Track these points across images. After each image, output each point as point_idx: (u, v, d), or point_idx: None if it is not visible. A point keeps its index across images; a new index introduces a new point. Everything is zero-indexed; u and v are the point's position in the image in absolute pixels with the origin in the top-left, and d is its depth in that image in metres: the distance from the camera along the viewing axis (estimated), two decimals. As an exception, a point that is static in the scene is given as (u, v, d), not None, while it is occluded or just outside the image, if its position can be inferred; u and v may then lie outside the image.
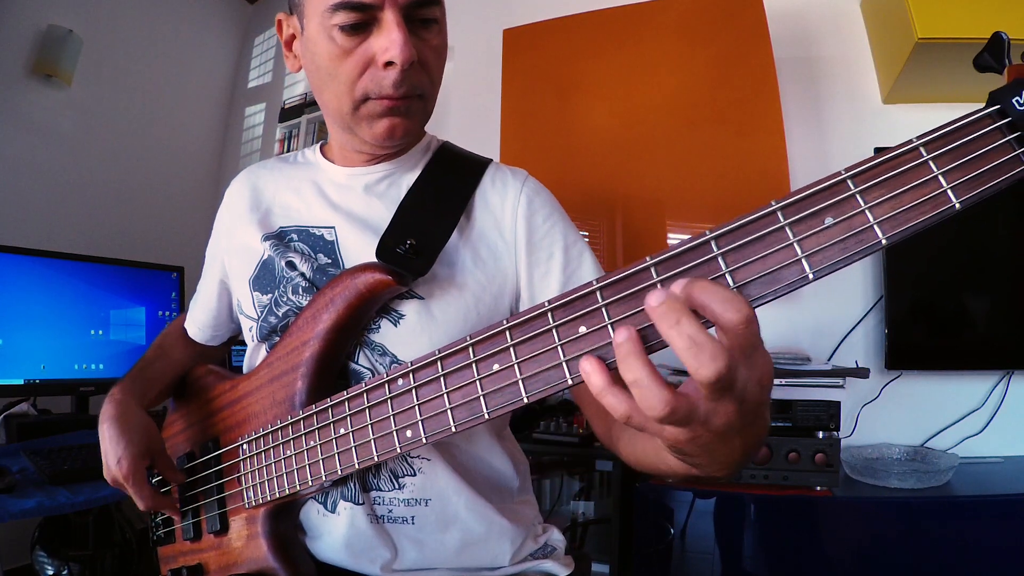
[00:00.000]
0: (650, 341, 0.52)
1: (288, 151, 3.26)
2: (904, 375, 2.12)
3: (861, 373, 1.84)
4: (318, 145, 1.12)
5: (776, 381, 1.79)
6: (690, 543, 1.88)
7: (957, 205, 0.46)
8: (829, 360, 2.18)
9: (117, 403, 1.01)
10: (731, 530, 1.85)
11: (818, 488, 1.77)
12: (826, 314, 2.20)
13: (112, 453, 0.95)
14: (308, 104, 3.24)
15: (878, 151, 1.70)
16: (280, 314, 0.97)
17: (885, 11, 2.13)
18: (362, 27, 0.85)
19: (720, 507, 1.86)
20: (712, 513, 1.87)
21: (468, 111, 2.80)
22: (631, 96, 2.30)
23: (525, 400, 0.61)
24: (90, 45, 2.67)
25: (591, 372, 0.53)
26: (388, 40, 0.84)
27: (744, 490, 1.81)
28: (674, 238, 2.22)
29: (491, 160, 1.08)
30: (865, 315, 2.20)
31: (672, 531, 1.89)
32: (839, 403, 1.80)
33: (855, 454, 1.94)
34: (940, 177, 0.46)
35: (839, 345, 2.21)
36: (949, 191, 0.46)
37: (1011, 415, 2.06)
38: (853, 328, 2.21)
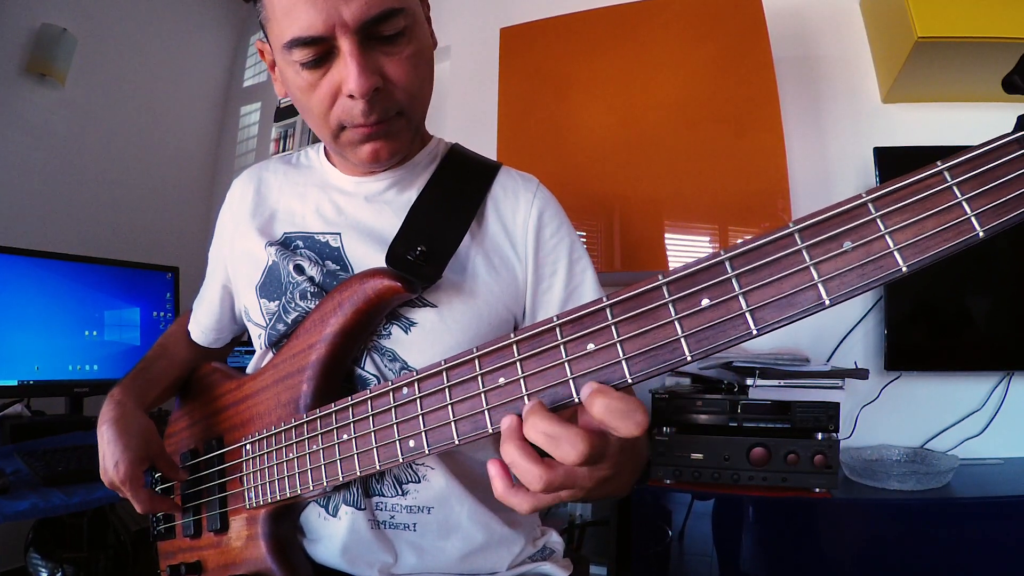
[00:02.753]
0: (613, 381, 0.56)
1: (283, 151, 3.25)
2: (904, 376, 2.12)
3: (860, 374, 1.83)
4: (321, 146, 1.10)
5: (775, 382, 1.80)
6: (688, 545, 1.87)
7: (981, 233, 0.44)
8: (828, 361, 2.17)
9: (116, 404, 1.00)
10: (730, 532, 1.85)
11: (817, 490, 1.76)
12: (825, 315, 2.15)
13: (110, 456, 0.94)
14: (304, 104, 3.20)
15: (877, 151, 1.68)
16: (289, 321, 0.97)
17: (884, 10, 2.12)
18: (322, 59, 0.82)
19: (719, 509, 1.86)
20: (711, 515, 1.86)
21: (465, 111, 2.79)
22: (629, 95, 2.28)
23: None
24: (84, 44, 2.65)
25: (495, 476, 0.61)
26: (346, 72, 0.81)
27: (743, 492, 1.80)
28: (672, 238, 2.21)
29: (500, 165, 1.07)
30: (864, 315, 2.19)
31: (670, 533, 1.88)
32: (838, 404, 1.79)
33: (854, 455, 1.94)
34: (964, 204, 0.45)
35: (838, 346, 2.20)
36: (973, 219, 0.44)
37: (1011, 416, 2.05)
38: (852, 329, 2.20)
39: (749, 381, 1.83)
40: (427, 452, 0.69)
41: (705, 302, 0.51)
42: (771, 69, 2.12)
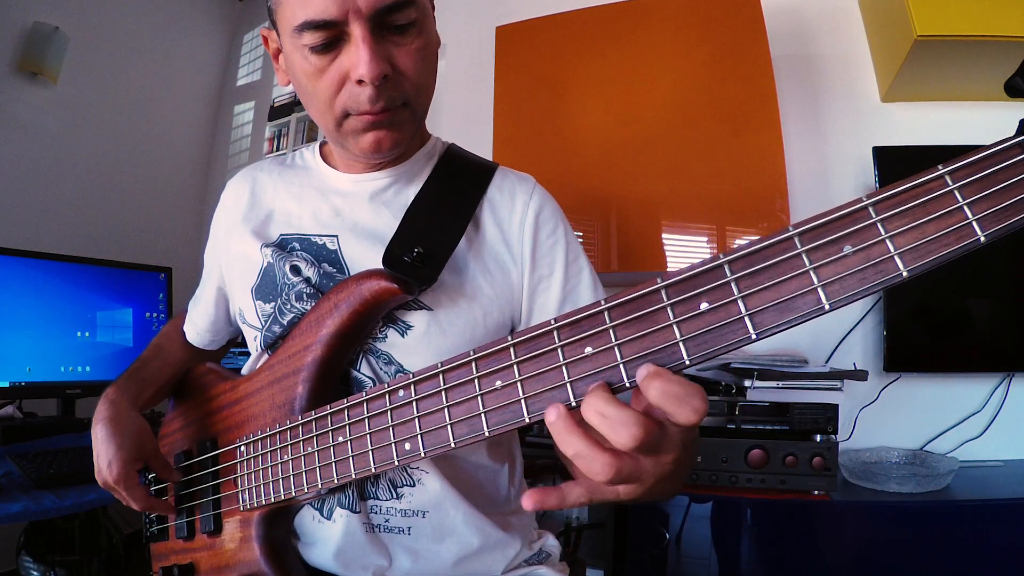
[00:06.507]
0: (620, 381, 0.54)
1: (277, 150, 3.25)
2: (903, 377, 2.11)
3: (859, 375, 1.82)
4: (316, 146, 1.10)
5: (773, 384, 1.78)
6: (686, 548, 1.86)
7: (983, 238, 0.43)
8: (827, 362, 2.16)
9: (110, 404, 0.99)
10: (728, 535, 1.84)
11: (816, 492, 1.75)
12: (824, 316, 2.17)
13: (103, 456, 0.94)
14: (297, 103, 3.19)
15: (876, 150, 1.67)
16: (285, 323, 0.96)
17: (883, 8, 2.11)
18: (332, 44, 0.83)
19: (717, 511, 1.85)
20: (709, 518, 1.85)
21: (460, 110, 2.78)
22: (626, 94, 2.27)
23: (527, 420, 0.59)
24: (76, 42, 2.63)
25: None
26: (356, 57, 0.81)
27: (741, 494, 1.80)
28: (669, 238, 2.20)
29: (497, 165, 1.06)
30: (863, 316, 2.18)
31: (668, 536, 1.87)
32: (837, 406, 1.79)
33: (853, 458, 1.93)
34: (966, 208, 0.44)
35: (837, 347, 2.19)
36: (975, 223, 0.44)
37: (1011, 418, 2.04)
38: (851, 330, 2.19)
39: (747, 382, 1.82)
40: (423, 455, 0.68)
41: (704, 306, 0.51)
42: (769, 68, 2.11)
